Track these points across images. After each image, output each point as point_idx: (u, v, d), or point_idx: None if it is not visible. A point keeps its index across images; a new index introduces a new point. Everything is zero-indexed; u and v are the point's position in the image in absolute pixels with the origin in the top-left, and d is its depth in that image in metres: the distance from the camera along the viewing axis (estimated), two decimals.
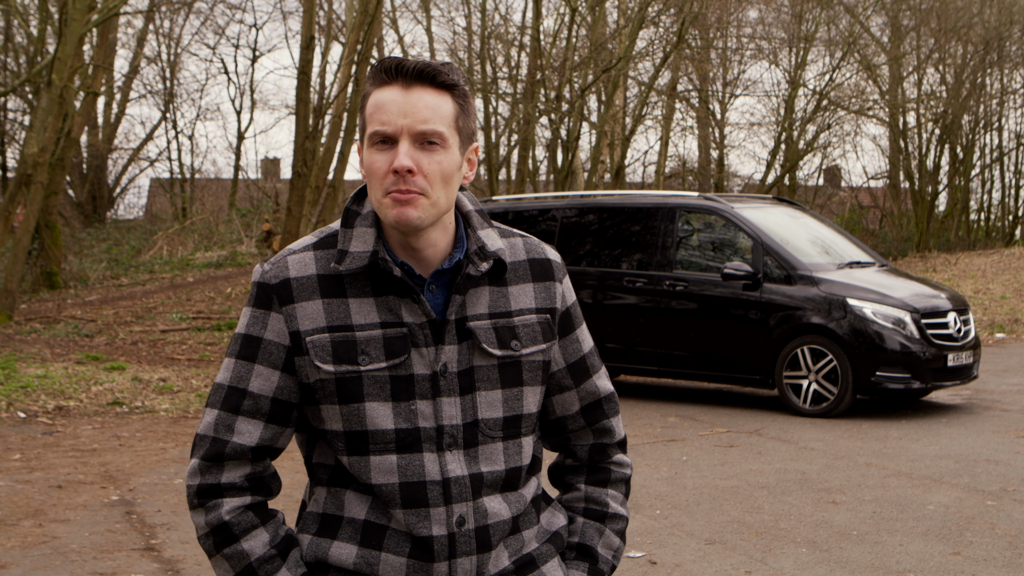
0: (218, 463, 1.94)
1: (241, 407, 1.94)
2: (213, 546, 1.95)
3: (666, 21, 24.72)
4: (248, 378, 1.95)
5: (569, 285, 2.10)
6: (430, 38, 28.03)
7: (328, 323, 1.92)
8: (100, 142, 29.58)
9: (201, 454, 1.95)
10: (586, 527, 2.12)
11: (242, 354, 1.96)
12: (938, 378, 9.90)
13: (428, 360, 1.93)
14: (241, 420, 1.94)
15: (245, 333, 1.96)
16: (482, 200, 12.75)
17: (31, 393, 10.62)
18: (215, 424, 1.95)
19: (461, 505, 1.92)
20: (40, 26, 19.46)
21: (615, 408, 2.18)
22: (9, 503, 6.90)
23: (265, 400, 1.94)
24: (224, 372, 1.98)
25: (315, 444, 2.01)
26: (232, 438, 1.94)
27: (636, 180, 30.24)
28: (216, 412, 1.96)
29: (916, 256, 25.23)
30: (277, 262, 1.96)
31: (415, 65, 1.89)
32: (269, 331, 1.94)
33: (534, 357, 2.01)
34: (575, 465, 2.15)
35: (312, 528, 2.00)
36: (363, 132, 1.92)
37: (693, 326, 10.57)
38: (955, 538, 6.05)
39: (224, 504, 1.94)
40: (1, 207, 16.13)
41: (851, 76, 28.59)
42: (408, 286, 1.92)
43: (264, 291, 1.95)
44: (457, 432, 1.93)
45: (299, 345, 1.92)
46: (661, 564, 5.66)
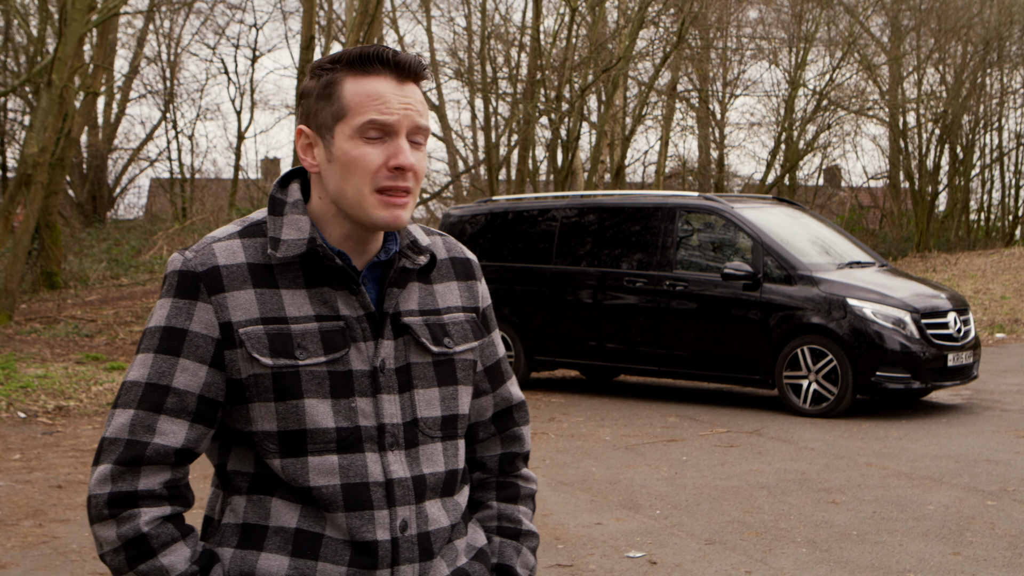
0: (134, 468, 1.76)
1: (164, 405, 1.77)
2: (125, 562, 1.76)
3: (666, 21, 24.72)
4: (172, 373, 1.78)
5: (486, 286, 2.05)
6: (430, 38, 28.05)
7: (261, 314, 1.79)
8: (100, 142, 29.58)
9: (113, 458, 1.76)
10: (504, 547, 2.04)
11: (163, 348, 1.78)
12: (938, 378, 9.90)
13: (367, 355, 1.83)
14: (164, 419, 1.77)
15: (166, 326, 1.79)
16: (482, 200, 12.75)
17: (31, 393, 10.62)
18: (131, 425, 1.76)
19: (404, 509, 1.83)
20: (40, 26, 19.46)
21: (525, 417, 2.12)
22: (9, 503, 6.90)
23: (192, 397, 1.78)
24: (139, 369, 1.80)
25: (231, 450, 1.86)
26: (153, 439, 1.76)
27: (636, 180, 30.23)
28: (132, 412, 1.77)
29: (916, 256, 25.23)
30: (201, 249, 1.81)
31: (411, 60, 1.83)
32: (195, 322, 1.78)
33: (466, 356, 1.95)
34: (484, 479, 2.08)
35: (232, 541, 1.83)
36: (336, 119, 1.81)
37: (693, 326, 10.57)
38: (955, 538, 6.05)
39: (141, 514, 1.75)
40: (1, 207, 16.13)
41: (851, 76, 28.61)
42: (347, 276, 1.82)
43: (188, 280, 1.79)
44: (398, 431, 1.84)
45: (231, 337, 1.78)
46: (661, 564, 5.66)
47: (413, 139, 1.83)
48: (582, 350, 11.27)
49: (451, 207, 14.57)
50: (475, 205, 12.50)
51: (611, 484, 7.44)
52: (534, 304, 11.52)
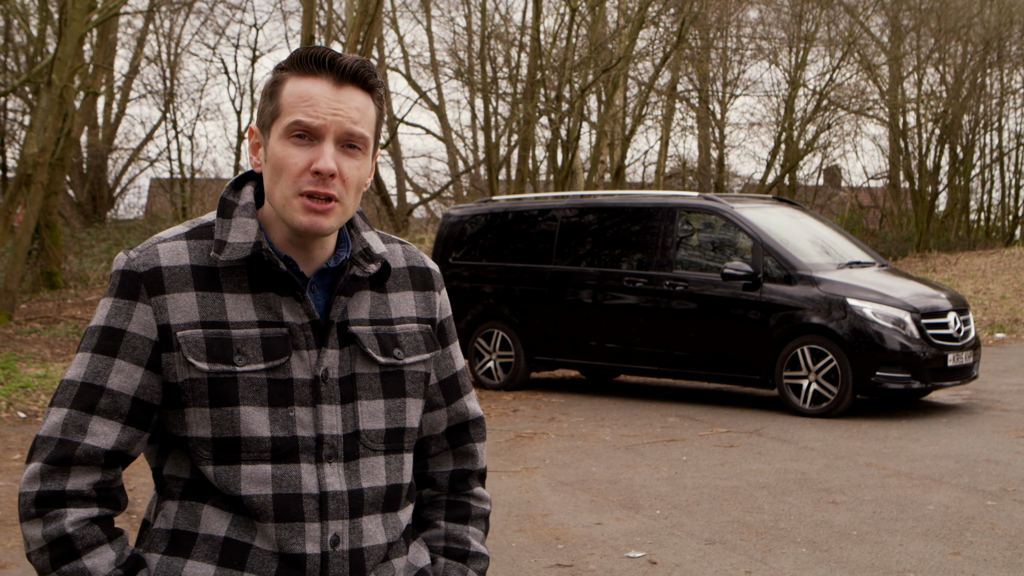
0: (64, 468, 1.73)
1: (96, 406, 1.74)
2: (49, 562, 1.73)
3: (666, 21, 24.72)
4: (107, 374, 1.75)
5: (447, 298, 2.01)
6: (430, 38, 28.06)
7: (202, 318, 1.76)
8: (100, 142, 29.57)
9: (44, 457, 1.73)
10: (449, 568, 1.99)
11: (100, 348, 1.76)
12: (938, 378, 9.90)
13: (309, 364, 1.79)
14: (96, 420, 1.74)
15: (105, 325, 1.76)
16: (482, 200, 12.75)
17: (31, 393, 10.62)
18: (63, 424, 1.73)
19: (337, 523, 1.79)
20: (40, 26, 19.46)
21: (482, 434, 2.07)
22: (9, 503, 6.91)
23: (125, 399, 1.75)
24: (76, 368, 1.77)
25: (167, 454, 1.83)
26: (84, 439, 1.73)
27: (636, 180, 30.23)
28: (65, 411, 1.74)
29: (916, 256, 25.23)
30: (146, 249, 1.78)
31: (351, 63, 1.77)
32: (134, 323, 1.75)
33: (416, 368, 1.90)
34: (434, 496, 2.03)
35: (160, 546, 1.80)
36: (272, 119, 1.78)
37: (693, 326, 10.57)
38: (955, 538, 6.05)
39: (67, 515, 1.72)
40: (1, 207, 16.13)
41: (851, 76, 28.61)
42: (292, 282, 1.78)
43: (130, 280, 1.76)
44: (337, 443, 1.80)
45: (168, 340, 1.75)
46: (661, 564, 5.66)
47: (347, 145, 1.78)
48: (582, 350, 11.27)
49: (451, 207, 14.57)
50: (475, 205, 12.50)
51: (611, 484, 7.44)
52: (534, 304, 11.52)
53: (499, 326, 11.71)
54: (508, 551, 5.90)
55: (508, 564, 5.70)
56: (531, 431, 9.43)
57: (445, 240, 12.19)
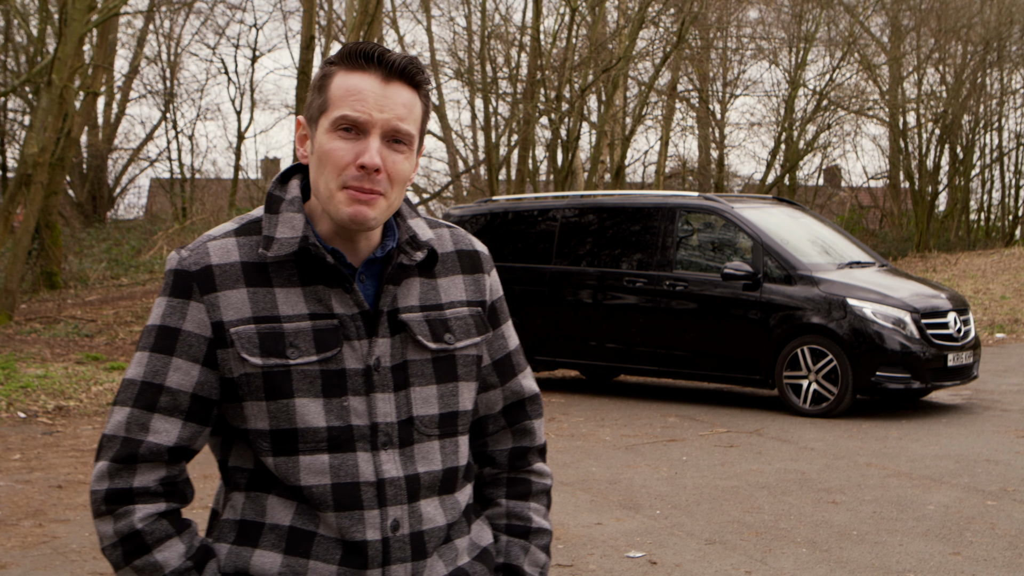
0: (130, 466, 1.78)
1: (157, 404, 1.79)
2: (122, 557, 1.79)
3: (666, 21, 24.72)
4: (165, 372, 1.79)
5: (497, 278, 2.03)
6: (430, 38, 28.05)
7: (253, 313, 1.79)
8: (100, 142, 29.57)
9: (111, 456, 1.78)
10: (511, 546, 2.01)
11: (157, 347, 1.80)
12: (938, 378, 9.90)
13: (361, 354, 1.82)
14: (157, 418, 1.78)
15: (160, 324, 1.80)
16: (482, 200, 12.75)
17: (31, 393, 10.62)
18: (127, 423, 1.78)
19: (396, 508, 1.82)
20: (40, 26, 19.46)
21: (539, 410, 2.09)
22: (9, 503, 6.90)
23: (184, 396, 1.79)
24: (136, 367, 1.81)
25: (231, 446, 1.87)
26: (147, 437, 1.78)
27: (636, 180, 30.23)
28: (128, 410, 1.79)
29: (916, 256, 25.23)
30: (196, 248, 1.82)
31: (399, 59, 1.80)
32: (188, 322, 1.79)
33: (468, 351, 1.92)
34: (495, 474, 2.05)
35: (229, 537, 1.85)
36: (320, 112, 1.81)
37: (693, 326, 10.57)
38: (955, 538, 6.05)
39: (136, 511, 1.78)
40: (1, 207, 16.13)
41: (851, 76, 28.61)
42: (340, 275, 1.81)
43: (182, 279, 1.80)
44: (392, 430, 1.83)
45: (222, 337, 1.79)
46: (661, 564, 5.66)
47: (393, 141, 1.80)
48: (582, 350, 11.27)
49: (451, 207, 14.57)
50: (475, 205, 12.50)
51: (611, 484, 7.44)
52: (534, 304, 11.52)
53: None
54: None
55: None
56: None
57: None
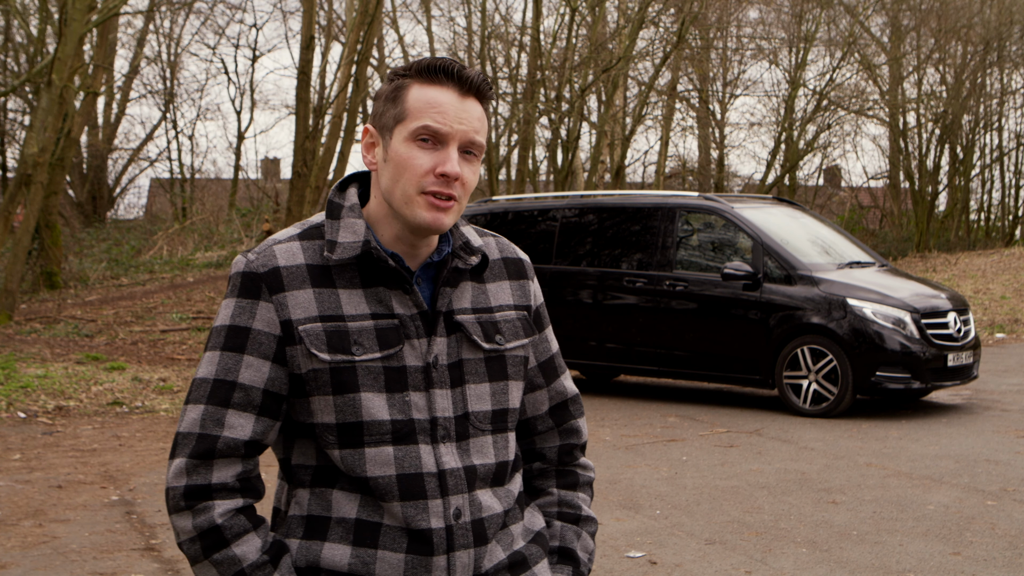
0: (207, 461, 1.86)
1: (231, 400, 1.87)
2: (201, 551, 1.87)
3: (666, 21, 24.73)
4: (237, 370, 1.88)
5: (538, 285, 2.15)
6: (430, 38, 28.04)
7: (320, 312, 1.89)
8: (100, 142, 29.58)
9: (188, 452, 1.87)
10: (565, 530, 2.13)
11: (228, 345, 1.89)
12: (938, 378, 9.90)
13: (420, 352, 1.92)
14: (232, 413, 1.87)
15: (231, 324, 1.89)
16: (482, 200, 12.75)
17: (31, 393, 10.62)
18: (202, 419, 1.87)
19: (457, 497, 1.91)
20: (40, 26, 19.47)
21: (581, 409, 2.21)
22: (9, 503, 6.90)
23: (257, 392, 1.88)
24: (207, 366, 1.90)
25: (294, 445, 1.96)
26: (223, 432, 1.86)
27: (636, 180, 30.24)
28: (202, 407, 1.87)
29: (916, 256, 25.23)
30: (263, 251, 1.92)
31: (475, 76, 1.92)
32: (258, 321, 1.88)
33: (517, 352, 2.03)
34: (544, 468, 2.17)
35: (298, 532, 1.94)
36: (396, 121, 1.91)
37: (693, 326, 10.57)
38: (955, 538, 6.05)
39: (216, 506, 1.86)
40: (1, 207, 16.13)
41: (851, 76, 28.61)
42: (400, 277, 1.91)
43: (251, 280, 1.90)
44: (450, 424, 1.93)
45: (291, 334, 1.88)
46: (661, 564, 5.66)
47: (465, 152, 1.92)
48: (582, 350, 11.27)
49: None
50: (475, 205, 12.50)
51: (611, 484, 7.44)
52: None
53: None
54: None
55: None
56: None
57: None
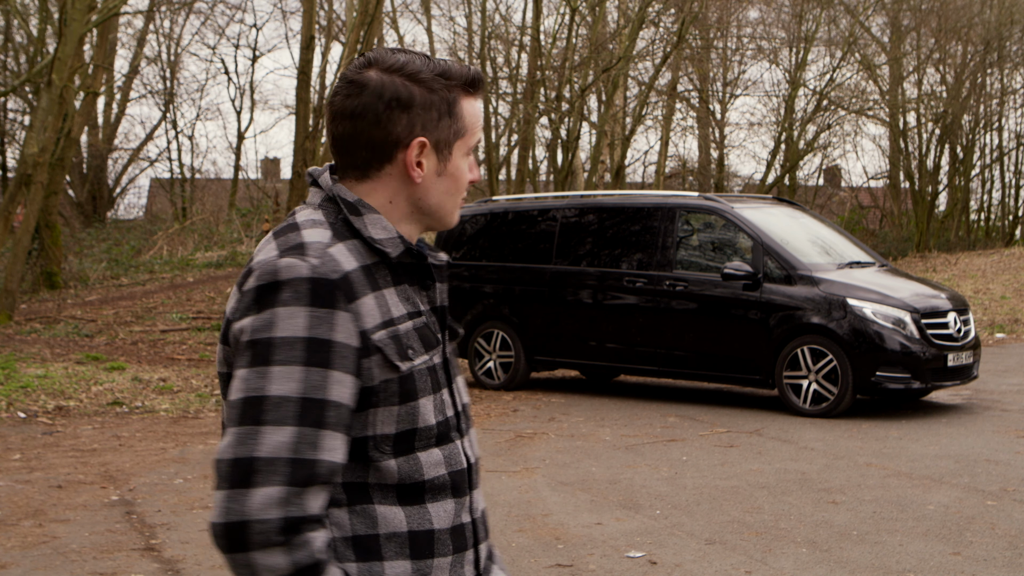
0: (304, 490, 1.67)
1: (325, 420, 1.69)
2: None
3: (666, 21, 24.73)
4: (325, 386, 1.69)
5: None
6: (430, 38, 28.04)
7: (382, 319, 1.78)
8: (100, 142, 29.58)
9: (284, 479, 1.65)
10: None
11: (312, 360, 1.69)
12: (938, 378, 9.89)
13: (439, 348, 1.90)
14: (327, 435, 1.69)
15: (309, 336, 1.69)
16: (482, 200, 12.75)
17: (31, 393, 10.62)
18: (295, 443, 1.66)
19: (476, 491, 1.92)
20: (40, 26, 19.47)
21: None
22: (9, 503, 6.90)
23: (347, 410, 1.73)
24: (286, 383, 1.68)
25: None
26: (320, 456, 1.68)
27: (636, 180, 30.24)
28: (292, 429, 1.67)
29: (916, 256, 25.23)
30: (322, 255, 1.74)
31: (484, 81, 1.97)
32: (340, 332, 1.72)
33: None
34: None
35: (350, 555, 1.78)
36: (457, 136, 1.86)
37: (693, 326, 10.57)
38: (955, 538, 6.05)
39: (315, 540, 1.68)
40: (1, 207, 16.13)
41: (851, 76, 28.61)
42: (427, 273, 1.87)
43: (324, 287, 1.71)
44: (461, 419, 1.93)
45: (367, 345, 1.75)
46: (661, 564, 5.66)
47: None
48: (582, 350, 11.27)
49: None
50: (475, 205, 12.50)
51: (611, 484, 7.44)
52: (534, 304, 11.51)
53: (499, 326, 11.71)
54: (508, 551, 5.90)
55: (508, 564, 5.70)
56: (531, 431, 9.42)
57: (445, 240, 12.19)
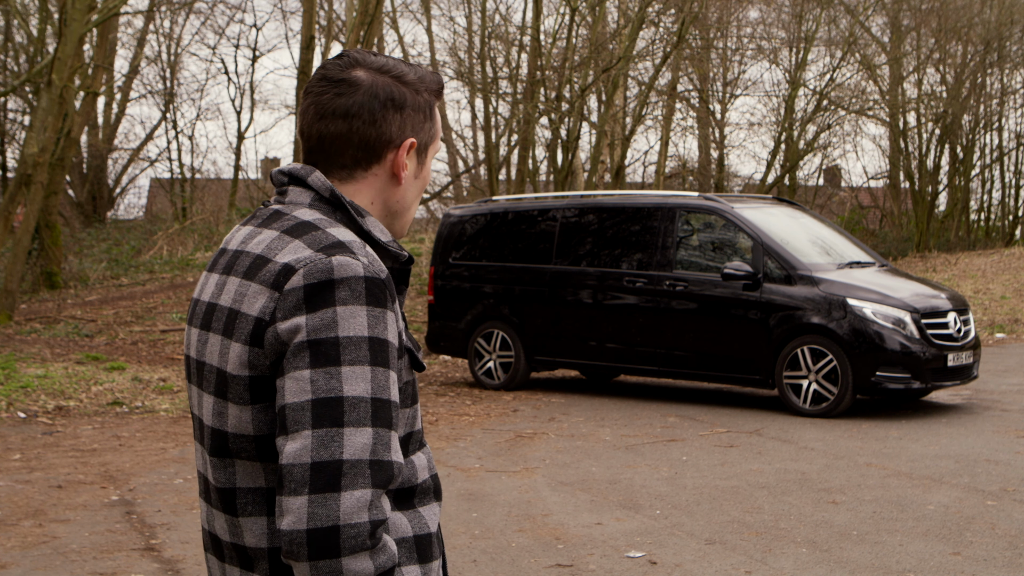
0: (383, 492, 1.66)
1: (393, 421, 1.69)
2: None
3: (666, 21, 24.71)
4: (388, 387, 1.69)
5: None
6: (430, 38, 28.04)
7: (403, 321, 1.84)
8: (100, 142, 29.57)
9: (373, 482, 1.64)
10: None
11: (376, 360, 1.68)
12: (938, 378, 9.89)
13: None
14: (394, 436, 1.69)
15: (371, 336, 1.68)
16: (482, 200, 12.75)
17: (31, 393, 10.62)
18: (374, 445, 1.65)
19: None
20: (40, 26, 19.47)
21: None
22: (9, 503, 6.90)
23: (399, 409, 1.75)
24: (359, 383, 1.66)
25: None
26: (393, 458, 1.67)
27: (636, 180, 30.23)
28: (371, 430, 1.65)
29: (916, 256, 25.22)
30: (367, 254, 1.73)
31: None
32: (390, 332, 1.71)
33: None
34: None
35: None
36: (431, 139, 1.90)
37: (693, 326, 10.57)
38: (955, 538, 6.05)
39: (391, 543, 1.68)
40: (1, 207, 16.13)
41: (851, 76, 28.59)
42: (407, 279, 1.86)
43: (376, 286, 1.70)
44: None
45: (401, 346, 1.77)
46: (661, 564, 5.66)
47: None
48: (582, 350, 11.27)
49: (451, 207, 14.57)
50: (475, 205, 12.50)
51: (611, 484, 7.44)
52: (534, 304, 11.51)
53: (499, 326, 11.71)
54: (508, 551, 5.90)
55: (508, 564, 5.69)
56: (531, 431, 9.42)
57: (445, 240, 12.19)
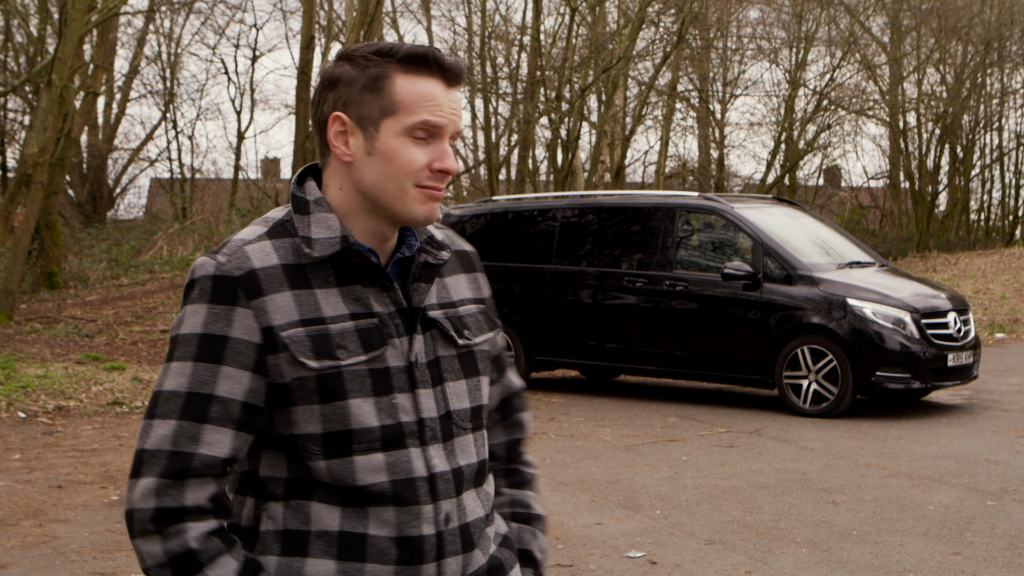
0: (180, 481, 1.72)
1: (208, 414, 1.73)
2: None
3: (666, 21, 24.72)
4: (213, 382, 1.74)
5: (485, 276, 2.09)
6: (430, 38, 28.04)
7: (300, 316, 1.77)
8: (100, 142, 29.57)
9: (158, 471, 1.71)
10: (522, 532, 2.08)
11: (202, 356, 1.74)
12: (938, 378, 9.89)
13: (402, 351, 1.84)
14: (209, 429, 1.73)
15: (203, 333, 1.75)
16: (482, 200, 12.75)
17: (31, 393, 10.62)
18: (174, 436, 1.72)
19: (447, 502, 1.85)
20: (40, 26, 19.47)
21: (524, 403, 2.16)
22: (9, 503, 6.90)
23: (236, 404, 1.75)
24: (176, 378, 1.75)
25: (260, 456, 1.84)
26: (199, 450, 1.72)
27: (636, 180, 30.23)
28: (173, 423, 1.72)
29: (916, 256, 25.22)
30: (234, 253, 1.78)
31: (455, 65, 1.84)
32: (236, 328, 1.75)
33: (483, 347, 1.97)
34: (492, 467, 2.08)
35: (275, 549, 1.81)
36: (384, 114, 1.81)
37: (693, 326, 10.57)
38: (955, 538, 6.05)
39: (188, 530, 1.72)
40: (1, 207, 16.13)
41: (851, 76, 28.61)
42: (379, 273, 1.82)
43: (225, 284, 1.75)
44: (436, 425, 1.86)
45: (272, 342, 1.76)
46: (661, 564, 5.66)
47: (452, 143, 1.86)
48: (582, 350, 11.27)
49: (451, 207, 14.58)
50: (475, 205, 12.50)
51: (611, 484, 7.44)
52: (534, 304, 11.51)
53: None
54: None
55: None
56: (531, 431, 9.42)
57: None
